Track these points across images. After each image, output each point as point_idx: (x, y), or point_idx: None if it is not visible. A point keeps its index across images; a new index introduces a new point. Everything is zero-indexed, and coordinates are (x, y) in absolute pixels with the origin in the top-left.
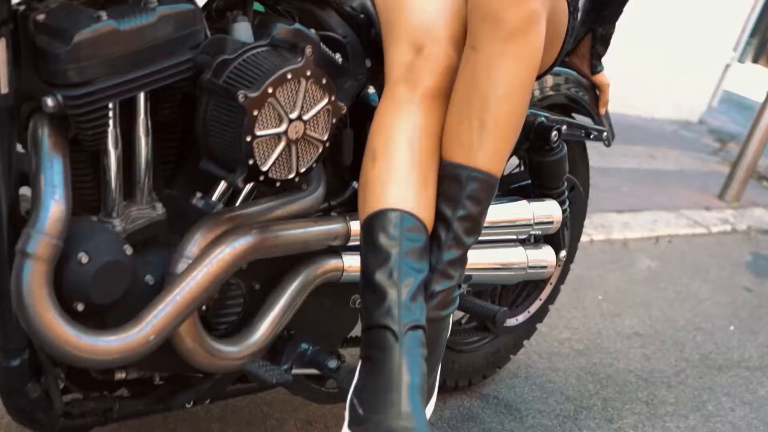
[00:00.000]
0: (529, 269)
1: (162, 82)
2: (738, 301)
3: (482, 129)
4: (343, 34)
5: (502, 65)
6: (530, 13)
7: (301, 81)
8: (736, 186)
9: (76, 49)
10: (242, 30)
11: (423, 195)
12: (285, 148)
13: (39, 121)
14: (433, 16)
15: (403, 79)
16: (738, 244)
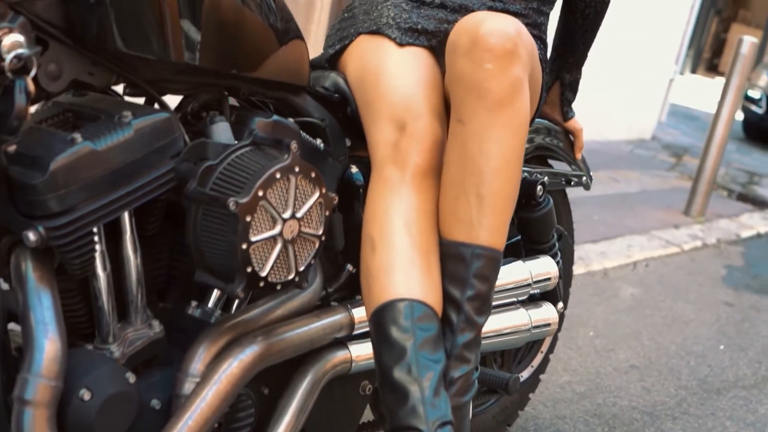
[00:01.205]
0: (533, 329)
1: (146, 197)
2: (722, 318)
3: (480, 204)
4: (320, 117)
5: (493, 137)
6: (514, 80)
7: (291, 178)
8: (700, 200)
9: (53, 177)
10: (221, 131)
11: (428, 279)
12: (282, 250)
13: (21, 255)
14: (411, 91)
15: (390, 160)
16: (711, 259)
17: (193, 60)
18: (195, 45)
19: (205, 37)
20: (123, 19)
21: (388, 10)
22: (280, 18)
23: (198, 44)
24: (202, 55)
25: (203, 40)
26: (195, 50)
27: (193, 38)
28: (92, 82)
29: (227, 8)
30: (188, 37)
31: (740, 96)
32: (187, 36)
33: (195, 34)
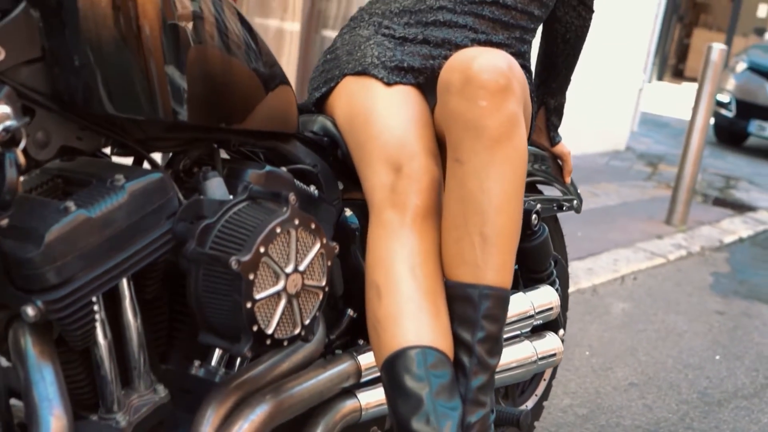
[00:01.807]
0: (540, 361)
1: (144, 261)
2: (714, 328)
3: (485, 244)
4: (312, 163)
5: (493, 175)
6: (510, 116)
7: (291, 232)
8: (681, 209)
9: (49, 249)
10: (216, 186)
11: (438, 324)
12: (287, 305)
13: (19, 330)
14: (403, 132)
15: (388, 203)
16: (697, 267)
17: (182, 117)
18: (183, 102)
19: (193, 93)
20: (109, 81)
21: (371, 49)
22: (265, 63)
23: (186, 101)
24: (191, 111)
25: (191, 97)
26: (184, 107)
27: (181, 95)
28: (81, 147)
29: (213, 59)
30: (176, 94)
31: (713, 103)
32: (175, 93)
33: (183, 91)
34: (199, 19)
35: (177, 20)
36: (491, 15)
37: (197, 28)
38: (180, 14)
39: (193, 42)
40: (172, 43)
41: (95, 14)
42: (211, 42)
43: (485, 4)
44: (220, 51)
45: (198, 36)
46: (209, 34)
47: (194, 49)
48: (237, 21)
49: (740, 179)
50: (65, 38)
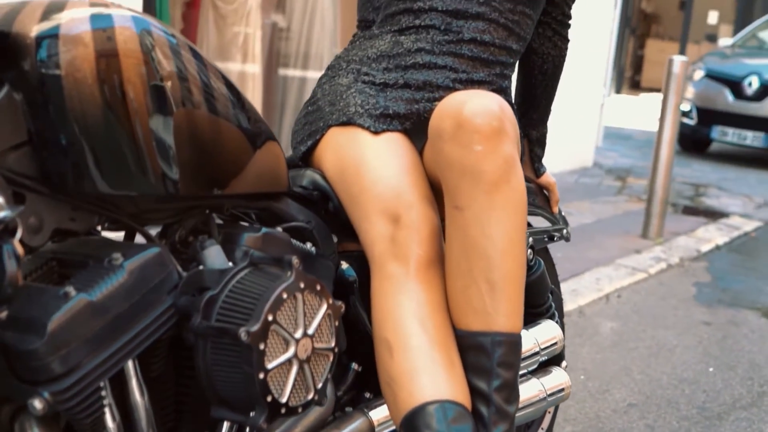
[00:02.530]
0: (549, 398)
1: (149, 340)
2: (704, 339)
3: (493, 290)
4: (305, 220)
5: (494, 219)
6: (506, 158)
7: (297, 296)
8: (656, 222)
9: (52, 338)
10: (214, 255)
11: (453, 375)
12: (299, 371)
13: (26, 423)
14: (397, 180)
15: (390, 255)
16: (678, 279)
17: (175, 189)
18: (176, 173)
19: (185, 163)
20: (100, 159)
21: (353, 97)
22: (251, 121)
23: (178, 172)
24: (184, 182)
25: (183, 167)
26: (177, 179)
27: (173, 167)
28: (75, 228)
29: (201, 123)
30: (168, 166)
31: (678, 114)
32: (166, 166)
33: (174, 163)
34: (184, 82)
35: (162, 86)
36: (470, 53)
37: (182, 93)
38: (165, 79)
39: (180, 107)
40: (159, 113)
41: (80, 91)
42: (198, 106)
43: (463, 43)
44: (207, 114)
45: (184, 101)
46: (195, 97)
47: (182, 114)
48: (220, 80)
49: (709, 186)
50: (51, 119)
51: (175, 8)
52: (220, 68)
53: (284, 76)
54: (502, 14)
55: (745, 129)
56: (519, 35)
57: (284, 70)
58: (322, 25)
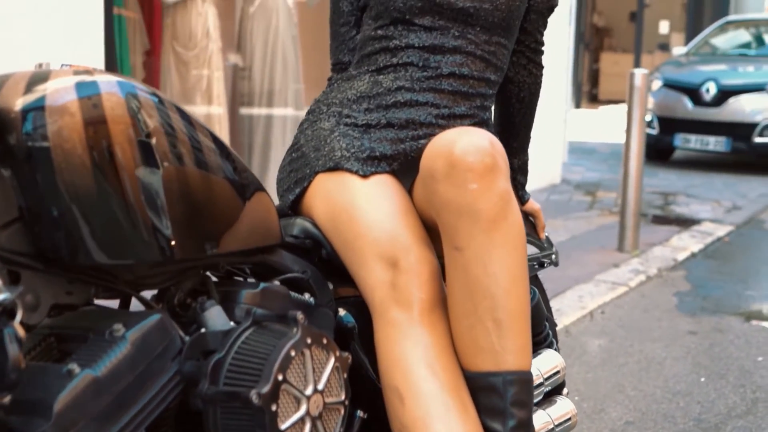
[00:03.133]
0: (557, 428)
1: (156, 410)
2: (692, 349)
3: (500, 329)
4: (301, 270)
5: (495, 257)
6: (502, 194)
7: (305, 352)
8: (630, 234)
9: (60, 419)
10: (216, 316)
11: (467, 419)
12: (312, 429)
13: None
14: (392, 224)
15: (392, 301)
16: (659, 290)
17: (171, 253)
18: (170, 238)
19: (179, 226)
20: (94, 229)
21: (338, 141)
22: (240, 174)
23: (173, 236)
24: (179, 245)
25: (177, 230)
26: (171, 243)
27: (168, 231)
28: (72, 302)
29: (192, 183)
30: (162, 231)
31: (644, 126)
32: (161, 231)
33: (168, 227)
34: (173, 143)
35: (152, 150)
36: (450, 88)
37: (171, 154)
38: (154, 142)
39: (170, 169)
40: (150, 177)
41: (70, 162)
42: (188, 166)
43: (443, 78)
44: (197, 173)
45: (174, 162)
46: (185, 157)
47: (172, 176)
48: (207, 136)
49: (677, 194)
50: (42, 192)
51: (136, 56)
52: (204, 124)
53: (249, 116)
54: (478, 46)
55: (706, 134)
56: (496, 66)
57: (249, 110)
58: (284, 63)
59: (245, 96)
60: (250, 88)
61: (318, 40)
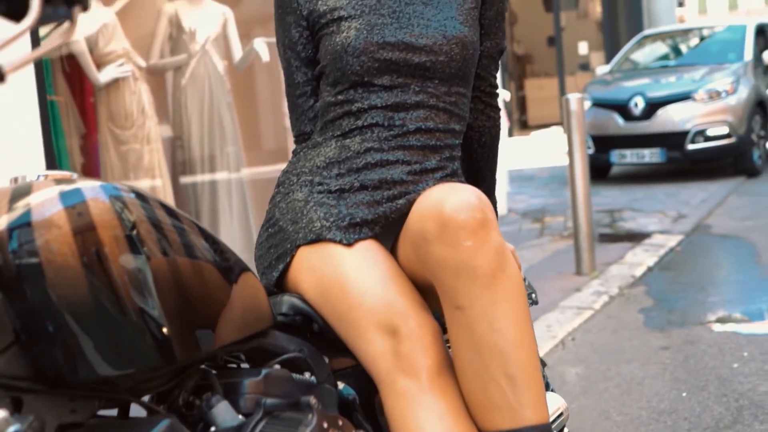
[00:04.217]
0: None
1: None
2: (668, 365)
3: (513, 384)
4: (297, 348)
5: (499, 313)
6: (497, 248)
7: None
8: (587, 256)
9: None
10: (224, 412)
11: None
12: None
13: None
14: (384, 291)
15: (398, 371)
16: (623, 309)
17: (171, 356)
18: (169, 340)
19: (177, 328)
20: (94, 342)
21: (315, 212)
22: (224, 255)
23: (172, 338)
24: (178, 346)
25: (175, 332)
26: (171, 345)
27: (166, 335)
28: (77, 419)
29: (186, 279)
30: (160, 336)
31: (585, 149)
32: (159, 336)
33: (166, 330)
34: (162, 240)
35: (143, 251)
36: (418, 143)
37: (163, 252)
38: (144, 242)
39: (162, 267)
40: (145, 279)
41: (62, 275)
42: (180, 262)
43: (409, 134)
44: (190, 267)
45: (166, 260)
46: (176, 254)
47: (166, 274)
48: (194, 228)
49: (622, 210)
50: (36, 310)
51: (72, 140)
52: (188, 215)
53: (192, 184)
54: (439, 99)
55: (641, 148)
56: (459, 115)
57: (191, 178)
58: (221, 130)
59: (186, 165)
60: (191, 157)
61: (252, 103)
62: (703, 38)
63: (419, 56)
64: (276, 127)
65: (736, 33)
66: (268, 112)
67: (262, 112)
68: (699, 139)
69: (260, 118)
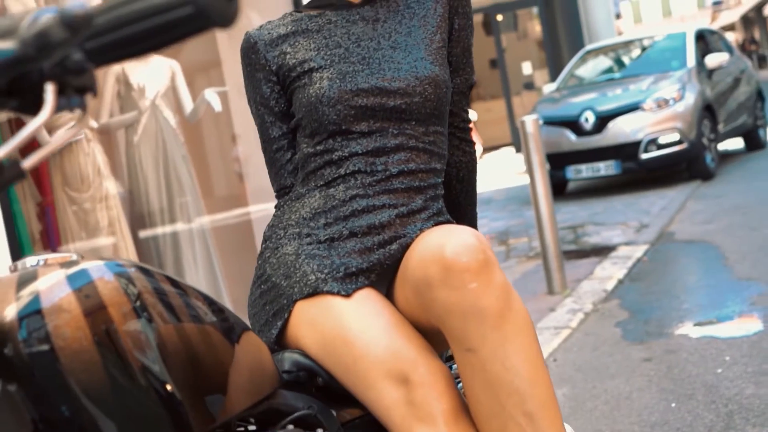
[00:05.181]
0: None
1: None
2: (652, 377)
3: (532, 421)
4: (305, 406)
5: (511, 351)
6: (502, 286)
7: None
8: (557, 275)
9: None
10: None
11: None
12: None
13: None
14: (390, 340)
15: (414, 419)
16: (600, 325)
17: (189, 428)
18: (186, 415)
19: (191, 401)
20: (115, 424)
21: (308, 265)
22: (236, 327)
23: (188, 411)
24: (195, 419)
25: (191, 405)
26: (188, 419)
27: (182, 408)
28: None
29: (198, 348)
30: (177, 409)
31: (545, 169)
32: (176, 409)
33: (181, 403)
34: (171, 312)
35: (155, 325)
36: (402, 185)
37: (173, 324)
38: (155, 317)
39: (174, 339)
40: (160, 353)
41: (77, 358)
42: (190, 333)
43: (393, 178)
44: (200, 337)
45: (178, 332)
46: (186, 327)
47: (179, 347)
48: (199, 298)
49: (585, 224)
50: (53, 397)
51: (28, 207)
52: (192, 285)
53: (154, 238)
54: (418, 140)
55: (595, 161)
56: (439, 154)
57: (153, 232)
58: (179, 182)
59: (146, 219)
60: (149, 211)
61: (203, 151)
62: (645, 48)
63: (394, 99)
64: (227, 174)
65: (677, 40)
66: (219, 158)
67: (212, 160)
68: (652, 147)
69: (211, 166)
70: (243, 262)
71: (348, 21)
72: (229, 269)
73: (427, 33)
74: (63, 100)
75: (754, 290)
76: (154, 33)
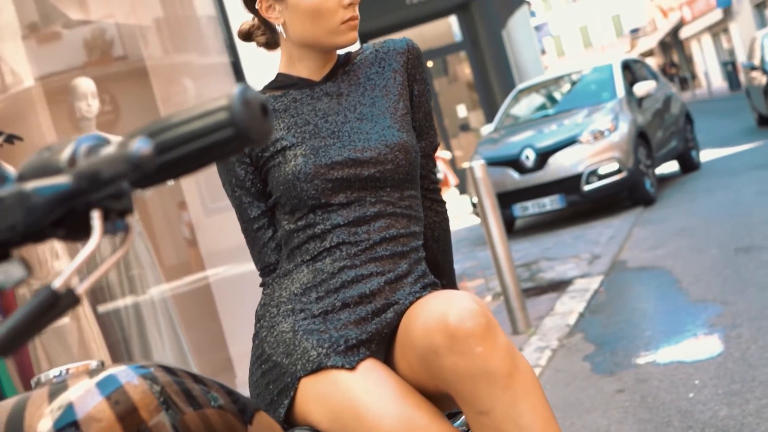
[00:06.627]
0: None
1: None
2: (628, 408)
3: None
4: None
5: (522, 409)
6: (506, 346)
7: None
8: (520, 315)
9: None
10: None
11: None
12: None
13: None
14: (399, 409)
15: None
16: (569, 360)
17: None
18: None
19: None
20: None
21: (307, 340)
22: (238, 398)
23: None
24: None
25: None
26: None
27: None
28: None
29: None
30: None
31: (498, 212)
32: None
33: None
34: (197, 406)
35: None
36: (387, 252)
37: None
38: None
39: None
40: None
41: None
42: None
43: (377, 245)
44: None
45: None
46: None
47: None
48: (213, 386)
49: (538, 260)
50: None
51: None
52: (200, 374)
53: (116, 309)
54: (395, 205)
55: (540, 197)
56: (416, 217)
57: (114, 304)
58: (136, 257)
59: (108, 292)
60: (109, 286)
61: (163, 225)
62: (575, 83)
63: (368, 169)
64: (178, 241)
65: (604, 72)
66: (166, 227)
67: (175, 232)
68: (593, 179)
69: (167, 235)
70: (205, 328)
71: (312, 98)
72: (193, 336)
73: (391, 102)
74: (108, 225)
75: (711, 311)
76: (196, 156)
